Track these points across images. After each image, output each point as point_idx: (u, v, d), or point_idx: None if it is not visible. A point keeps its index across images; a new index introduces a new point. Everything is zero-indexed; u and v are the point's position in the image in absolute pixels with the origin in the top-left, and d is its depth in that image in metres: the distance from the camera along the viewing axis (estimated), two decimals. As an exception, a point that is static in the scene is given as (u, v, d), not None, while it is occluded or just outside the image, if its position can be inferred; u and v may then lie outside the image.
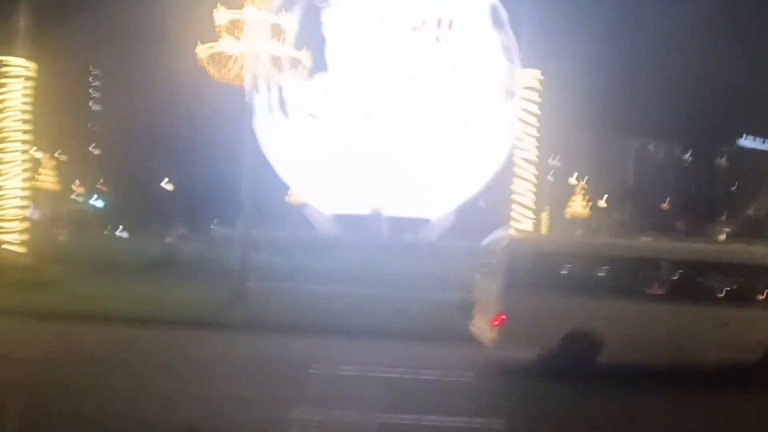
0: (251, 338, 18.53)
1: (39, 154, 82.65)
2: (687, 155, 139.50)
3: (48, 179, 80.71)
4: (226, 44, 22.17)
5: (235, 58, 22.77)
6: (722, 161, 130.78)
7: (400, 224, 54.24)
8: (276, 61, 22.59)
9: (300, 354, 16.74)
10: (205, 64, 23.02)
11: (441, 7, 52.53)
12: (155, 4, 55.69)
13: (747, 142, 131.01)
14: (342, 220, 57.18)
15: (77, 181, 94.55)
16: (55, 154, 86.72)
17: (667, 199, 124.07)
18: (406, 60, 50.70)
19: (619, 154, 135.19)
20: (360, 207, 53.34)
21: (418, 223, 55.85)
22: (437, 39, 52.48)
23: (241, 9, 22.56)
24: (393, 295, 27.70)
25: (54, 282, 24.89)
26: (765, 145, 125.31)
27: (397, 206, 52.89)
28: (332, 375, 14.79)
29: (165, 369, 14.69)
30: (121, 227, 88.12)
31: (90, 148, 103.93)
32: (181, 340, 18.05)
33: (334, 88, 51.82)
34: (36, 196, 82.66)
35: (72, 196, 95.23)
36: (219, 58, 22.44)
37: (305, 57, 23.76)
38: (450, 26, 52.86)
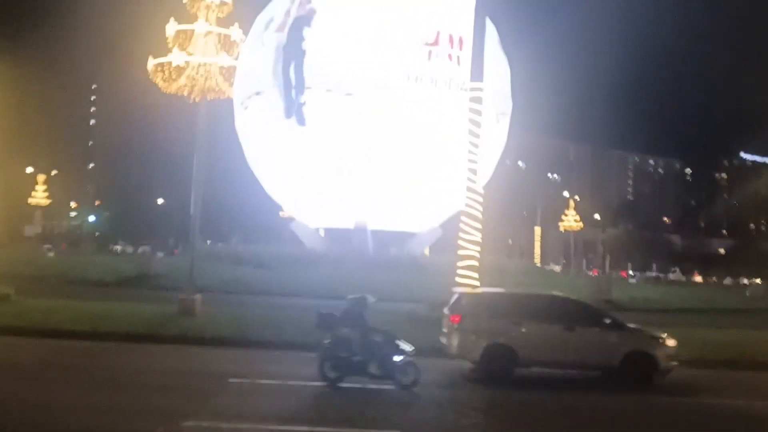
0: (186, 351, 18.47)
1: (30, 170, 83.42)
2: (686, 170, 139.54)
3: (40, 196, 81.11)
4: (176, 56, 22.14)
5: (189, 70, 22.74)
6: (721, 176, 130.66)
7: (386, 238, 54.12)
8: (224, 72, 22.53)
9: (227, 365, 16.68)
10: (153, 76, 23.02)
11: (452, 23, 51.40)
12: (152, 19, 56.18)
13: (747, 156, 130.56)
14: (328, 234, 57.20)
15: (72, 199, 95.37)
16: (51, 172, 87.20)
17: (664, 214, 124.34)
18: (402, 74, 50.03)
19: (612, 168, 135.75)
20: (347, 221, 53.22)
21: (404, 237, 55.68)
22: (449, 57, 51.51)
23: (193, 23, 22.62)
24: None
25: (3, 296, 24.71)
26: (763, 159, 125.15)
27: (383, 220, 52.69)
28: (250, 386, 14.73)
29: (80, 381, 14.55)
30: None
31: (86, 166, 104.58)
32: (114, 352, 17.97)
33: (323, 102, 51.38)
34: (29, 212, 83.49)
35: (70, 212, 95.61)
36: (168, 70, 22.43)
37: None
38: (461, 44, 51.90)
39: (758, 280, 78.10)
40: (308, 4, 50.13)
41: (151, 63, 23.15)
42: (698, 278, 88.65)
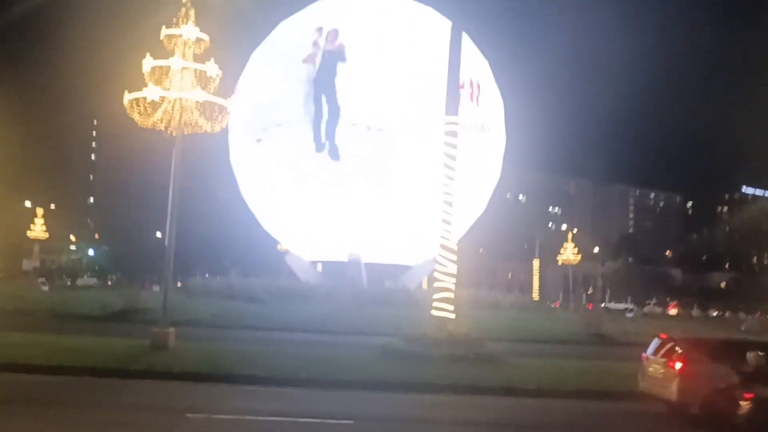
0: (150, 385, 18.32)
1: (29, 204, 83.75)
2: (687, 204, 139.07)
3: (39, 229, 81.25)
4: (151, 91, 22.27)
5: (165, 105, 22.88)
6: (723, 210, 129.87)
7: (381, 271, 54.02)
8: (200, 107, 22.65)
9: (188, 400, 16.54)
10: (130, 111, 23.18)
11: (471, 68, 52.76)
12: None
13: (748, 189, 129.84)
14: (324, 268, 57.15)
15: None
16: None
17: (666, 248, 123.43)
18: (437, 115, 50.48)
19: (614, 202, 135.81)
20: (342, 254, 53.15)
21: (399, 270, 55.53)
22: (470, 97, 52.61)
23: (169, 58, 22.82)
24: (330, 342, 27.64)
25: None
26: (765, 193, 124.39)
27: (378, 253, 52.59)
28: (206, 421, 14.60)
29: (32, 416, 14.39)
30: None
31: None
32: (77, 387, 17.75)
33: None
34: (29, 246, 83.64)
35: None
36: (143, 104, 22.59)
37: (230, 103, 23.77)
38: (479, 89, 53.26)
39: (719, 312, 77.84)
40: (336, 38, 50.16)
41: (127, 98, 23.29)
42: (672, 311, 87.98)
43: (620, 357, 28.10)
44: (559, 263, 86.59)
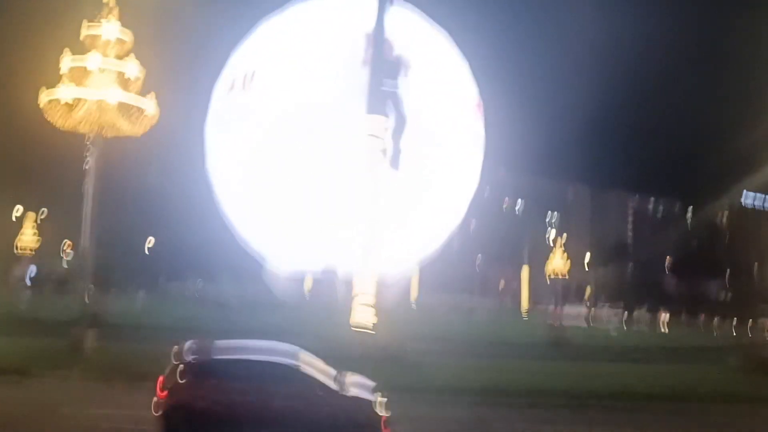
0: (47, 383, 18.67)
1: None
2: (687, 211, 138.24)
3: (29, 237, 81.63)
4: (67, 91, 22.31)
5: (83, 106, 22.97)
6: (722, 217, 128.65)
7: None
8: (120, 108, 22.74)
9: (72, 397, 16.97)
10: (47, 114, 23.24)
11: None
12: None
13: (749, 197, 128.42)
14: (298, 278, 57.00)
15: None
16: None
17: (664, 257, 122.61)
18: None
19: (611, 209, 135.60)
20: (318, 265, 53.07)
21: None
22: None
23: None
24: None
25: None
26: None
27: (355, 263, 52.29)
28: (78, 415, 15.09)
29: None
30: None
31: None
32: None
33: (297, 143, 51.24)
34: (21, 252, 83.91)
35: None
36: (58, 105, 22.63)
37: (150, 105, 23.77)
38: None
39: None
40: (392, 49, 49.67)
41: (44, 99, 23.29)
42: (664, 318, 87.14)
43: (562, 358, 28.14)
44: (547, 272, 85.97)
